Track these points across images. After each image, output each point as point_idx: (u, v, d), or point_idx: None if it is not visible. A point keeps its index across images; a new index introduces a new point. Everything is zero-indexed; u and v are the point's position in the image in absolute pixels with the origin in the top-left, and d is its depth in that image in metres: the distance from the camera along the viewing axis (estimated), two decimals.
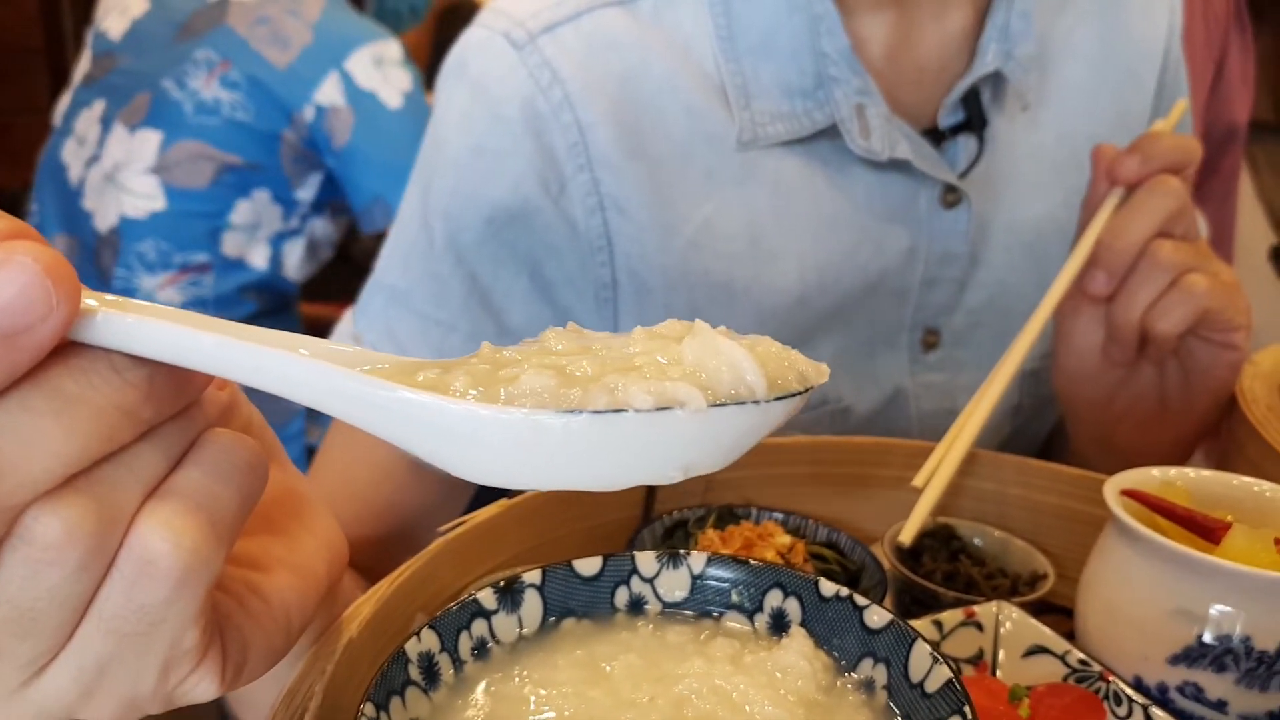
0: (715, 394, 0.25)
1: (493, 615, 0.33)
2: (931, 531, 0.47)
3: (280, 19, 1.25)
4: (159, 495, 0.24)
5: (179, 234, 1.27)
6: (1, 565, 0.22)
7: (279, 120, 1.25)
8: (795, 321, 0.60)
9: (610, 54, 0.56)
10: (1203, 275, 0.50)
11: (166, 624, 0.24)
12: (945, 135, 0.59)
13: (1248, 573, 0.34)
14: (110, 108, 1.30)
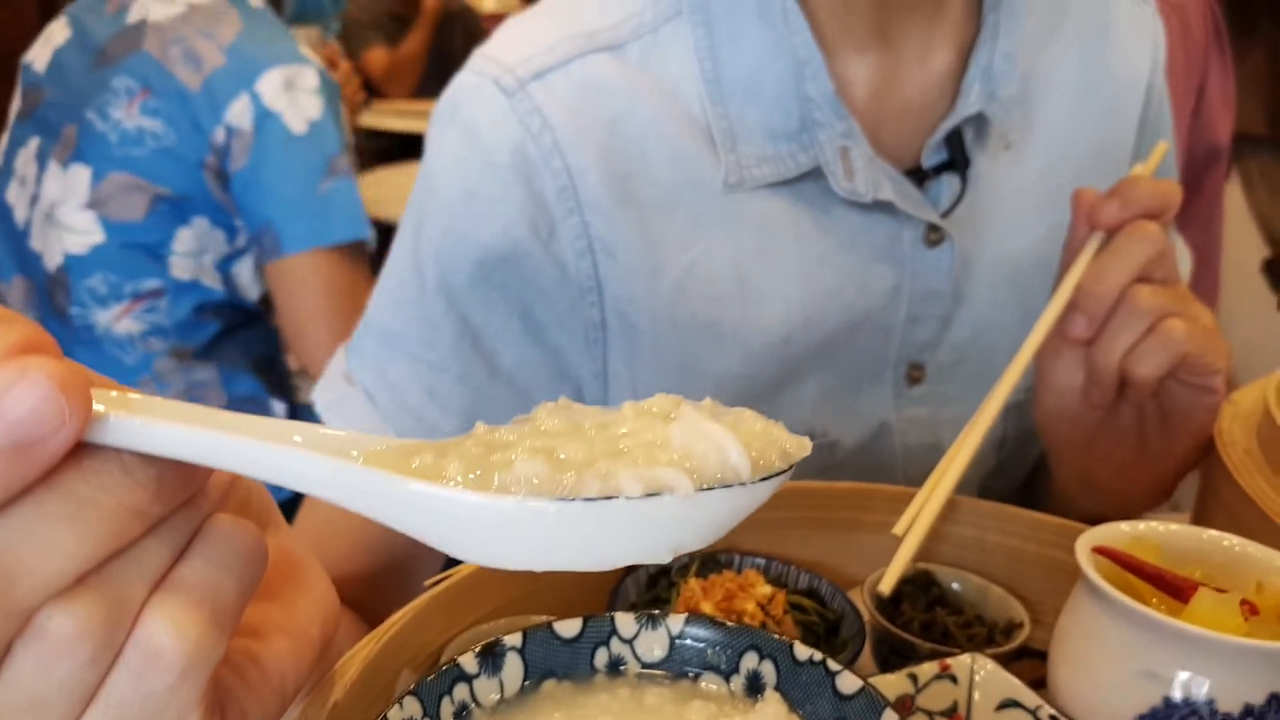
0: (702, 477, 0.26)
1: (474, 679, 0.34)
2: (911, 578, 0.48)
3: (194, 39, 1.23)
4: (164, 588, 0.25)
5: (125, 265, 1.26)
6: (14, 658, 0.23)
7: (199, 146, 1.23)
8: (781, 359, 0.61)
9: (599, 99, 0.57)
10: (1181, 320, 0.51)
11: (170, 709, 0.25)
12: (928, 175, 0.60)
13: (1214, 638, 0.34)
14: (44, 144, 1.29)
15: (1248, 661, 0.35)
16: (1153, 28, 0.69)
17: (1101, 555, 0.40)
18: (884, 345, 0.62)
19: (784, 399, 0.62)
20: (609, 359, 0.61)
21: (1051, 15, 0.65)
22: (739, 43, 0.57)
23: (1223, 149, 1.32)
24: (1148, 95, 0.69)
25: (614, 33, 0.58)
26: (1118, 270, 0.51)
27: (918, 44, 0.60)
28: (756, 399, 0.61)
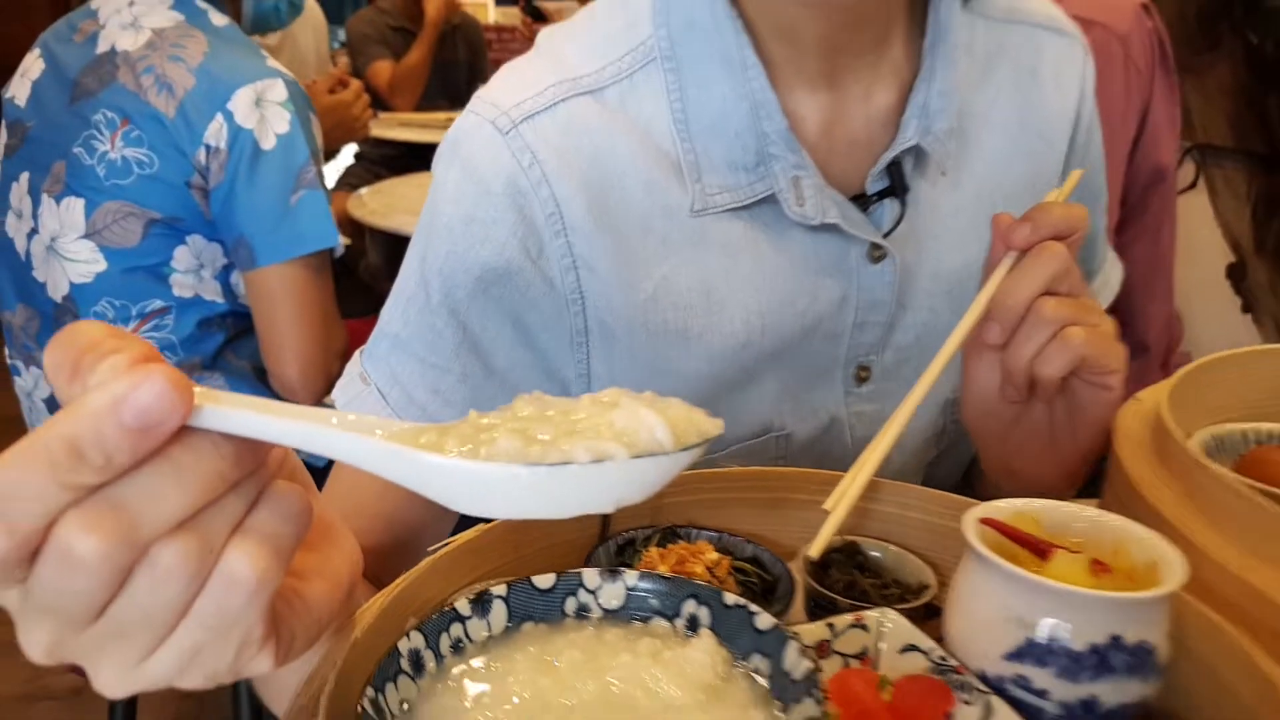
0: (635, 449, 0.34)
1: (467, 620, 0.42)
2: (840, 548, 0.56)
3: (163, 65, 1.26)
4: (240, 532, 0.33)
5: (129, 289, 1.31)
6: (133, 581, 0.31)
7: (183, 169, 1.27)
8: (741, 361, 0.69)
9: (581, 137, 0.65)
10: (1082, 327, 0.59)
11: (242, 622, 0.33)
12: (872, 200, 0.68)
13: (1064, 589, 0.43)
14: (33, 179, 1.33)
15: (1092, 608, 0.43)
16: (1081, 60, 0.77)
17: (986, 525, 0.48)
18: (834, 348, 0.71)
19: (745, 395, 0.70)
20: (591, 360, 0.69)
21: (987, 57, 0.73)
22: (704, 87, 0.65)
23: (1168, 169, 1.39)
24: (1076, 124, 0.77)
25: (595, 78, 0.66)
26: (1026, 285, 0.59)
27: (862, 86, 0.68)
28: (720, 396, 0.69)
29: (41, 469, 0.29)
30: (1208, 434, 0.69)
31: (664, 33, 0.66)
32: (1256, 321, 1.99)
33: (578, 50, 0.68)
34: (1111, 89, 1.30)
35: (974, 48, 0.72)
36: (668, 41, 0.66)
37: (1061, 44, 0.76)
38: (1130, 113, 1.32)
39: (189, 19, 1.30)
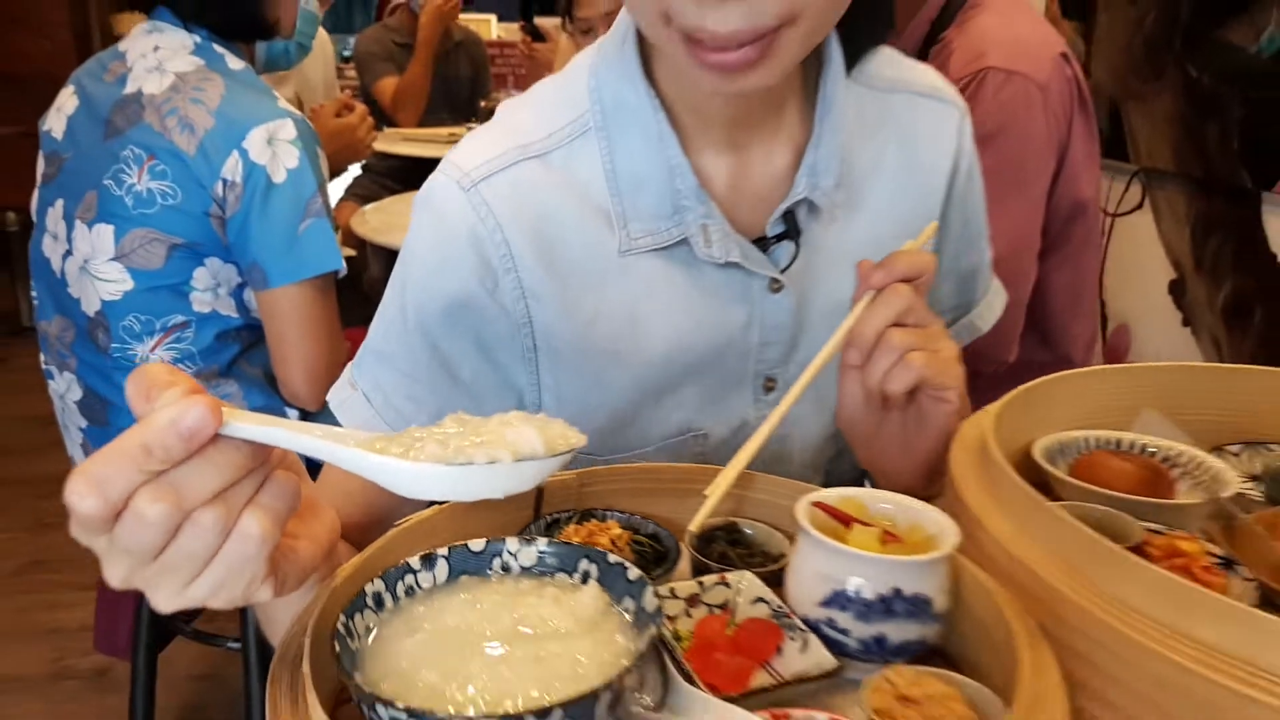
0: (518, 454, 0.50)
1: (418, 572, 0.57)
2: (722, 526, 0.71)
3: (185, 107, 1.41)
4: (252, 504, 0.49)
5: (153, 305, 1.47)
6: (181, 535, 0.46)
7: (203, 199, 1.42)
8: (664, 373, 0.84)
9: (530, 193, 0.80)
10: (922, 353, 0.74)
11: (251, 564, 0.49)
12: (771, 241, 0.83)
13: (857, 553, 0.58)
14: (68, 206, 1.48)
15: (878, 568, 0.58)
16: (957, 122, 0.90)
17: (817, 507, 0.63)
18: (743, 363, 0.86)
19: (668, 401, 0.85)
20: (540, 374, 0.84)
21: (875, 120, 0.88)
22: (629, 153, 0.81)
23: (1087, 203, 1.53)
24: (952, 175, 0.91)
25: (542, 144, 0.82)
26: (878, 318, 0.74)
27: (763, 149, 0.83)
28: (647, 401, 0.84)
29: (125, 461, 0.45)
30: (1053, 439, 0.84)
31: (598, 108, 0.81)
32: (1195, 334, 2.15)
33: (529, 120, 0.83)
34: (1032, 130, 1.45)
35: (863, 112, 0.87)
36: (601, 116, 0.81)
37: (938, 108, 0.90)
38: (1048, 152, 1.46)
39: (208, 64, 1.46)
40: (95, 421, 1.57)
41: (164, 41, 1.47)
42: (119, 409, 1.53)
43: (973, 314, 1.00)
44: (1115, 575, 0.55)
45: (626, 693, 0.49)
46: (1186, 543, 0.67)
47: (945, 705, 0.52)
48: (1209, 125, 2.02)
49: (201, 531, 0.47)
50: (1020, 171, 1.45)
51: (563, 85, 0.84)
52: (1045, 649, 0.55)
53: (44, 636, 2.53)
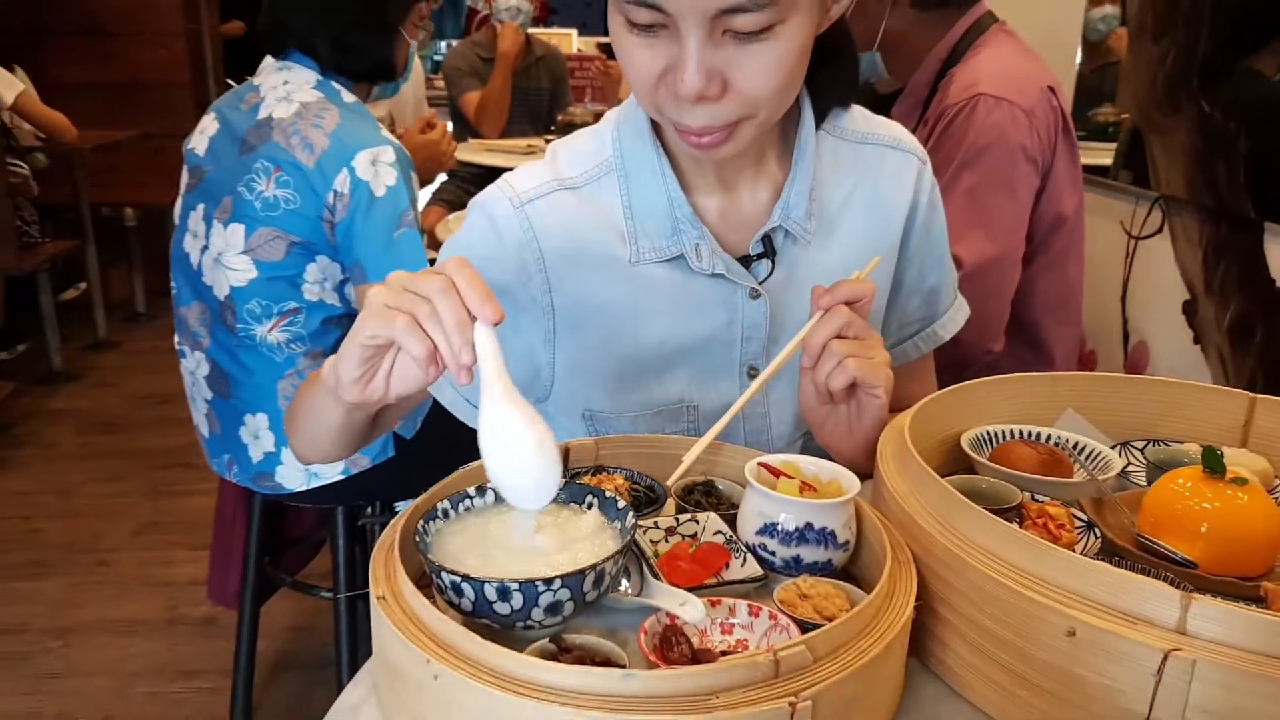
0: None
1: (472, 497, 0.82)
2: (701, 483, 0.94)
3: (307, 130, 1.72)
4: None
5: (272, 292, 1.77)
6: None
7: (317, 206, 1.72)
8: (660, 354, 1.08)
9: (563, 215, 1.05)
10: (857, 359, 0.95)
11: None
12: (753, 259, 1.07)
13: (781, 497, 0.81)
14: (208, 209, 1.80)
15: (795, 508, 0.80)
16: (916, 169, 1.12)
17: (760, 465, 0.86)
18: (730, 353, 1.09)
19: (666, 376, 1.09)
20: (556, 350, 1.09)
21: (848, 166, 1.10)
22: (641, 188, 1.04)
23: (1068, 216, 1.74)
24: (912, 212, 1.13)
25: (575, 179, 1.06)
26: (824, 331, 0.96)
27: (747, 187, 1.07)
28: (647, 374, 1.08)
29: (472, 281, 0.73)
30: (980, 430, 1.06)
31: (619, 154, 1.06)
32: (1204, 352, 2.32)
33: (567, 160, 1.08)
34: (1017, 148, 1.67)
35: (838, 159, 1.10)
36: (620, 160, 1.06)
37: (901, 158, 1.13)
38: (1033, 168, 1.68)
39: (327, 97, 1.78)
40: (219, 394, 1.87)
41: (292, 77, 1.80)
42: (240, 383, 1.83)
43: (935, 325, 1.22)
44: (962, 518, 0.78)
45: (608, 576, 0.73)
46: (1054, 508, 0.89)
47: (829, 600, 0.75)
48: (1218, 159, 2.18)
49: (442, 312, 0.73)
50: (1007, 182, 1.67)
51: (594, 135, 1.09)
52: (908, 563, 0.77)
53: (160, 588, 2.87)
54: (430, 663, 0.63)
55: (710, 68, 0.87)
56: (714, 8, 0.83)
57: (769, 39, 0.86)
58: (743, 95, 0.90)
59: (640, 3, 0.85)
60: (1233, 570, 0.83)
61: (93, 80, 5.67)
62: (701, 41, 0.86)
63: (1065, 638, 0.67)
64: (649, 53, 0.89)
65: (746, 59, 0.87)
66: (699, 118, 0.90)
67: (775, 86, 0.90)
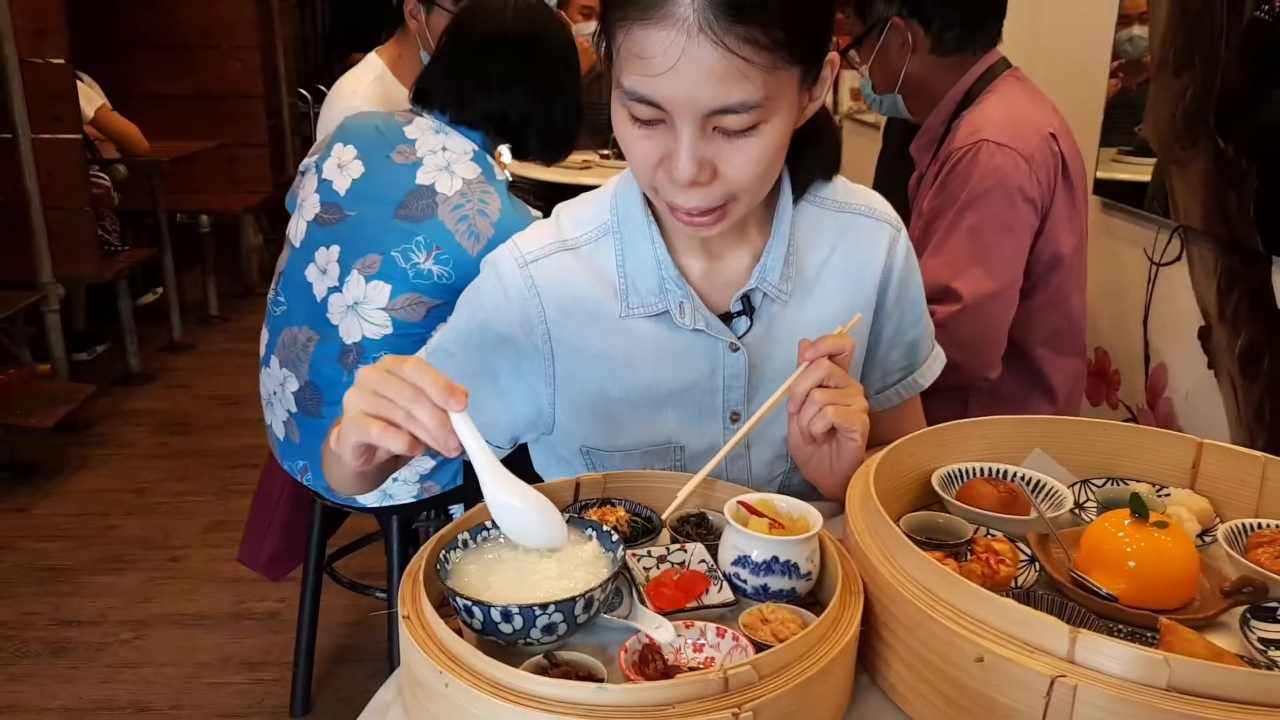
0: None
1: (489, 529, 0.96)
2: (696, 514, 1.08)
3: (474, 216, 1.81)
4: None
5: (402, 348, 1.85)
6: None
7: (467, 283, 1.81)
8: (649, 398, 1.21)
9: (563, 274, 1.19)
10: (836, 406, 1.08)
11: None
12: (733, 315, 1.20)
13: (753, 534, 0.94)
14: (344, 255, 1.88)
15: (764, 544, 0.93)
16: (889, 236, 1.25)
17: (740, 504, 1.00)
18: (713, 400, 1.22)
19: (654, 418, 1.22)
20: (557, 393, 1.22)
21: (828, 232, 1.23)
22: (634, 250, 1.18)
23: (1065, 256, 1.84)
24: (886, 275, 1.25)
25: (575, 240, 1.20)
26: (807, 381, 1.09)
27: (729, 252, 1.20)
28: (638, 417, 1.21)
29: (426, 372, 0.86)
30: (954, 466, 1.18)
31: (615, 219, 1.19)
32: (1217, 377, 2.41)
33: (570, 222, 1.22)
34: (1017, 191, 1.78)
35: (819, 226, 1.23)
36: (617, 223, 1.19)
37: (876, 226, 1.25)
38: (1032, 210, 1.79)
39: (484, 173, 1.84)
40: (307, 412, 1.99)
41: (450, 144, 1.86)
42: (332, 405, 1.95)
43: (915, 374, 1.35)
44: (903, 554, 0.90)
45: (597, 602, 0.87)
46: (1000, 544, 1.02)
47: (785, 624, 0.88)
48: (1231, 193, 2.26)
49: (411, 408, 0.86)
50: (1007, 223, 1.78)
51: (596, 199, 1.23)
52: (857, 593, 0.90)
53: (227, 584, 3.07)
54: (442, 674, 0.77)
55: (702, 158, 1.00)
56: (706, 108, 0.96)
57: (753, 135, 0.99)
58: (730, 182, 1.02)
59: (642, 100, 0.99)
60: (1153, 604, 0.95)
61: (171, 92, 5.96)
62: (694, 136, 0.99)
63: (975, 663, 0.80)
64: (649, 143, 1.02)
65: (733, 151, 1.00)
66: (691, 199, 1.04)
67: (758, 174, 1.03)
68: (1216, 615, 0.95)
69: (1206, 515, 1.11)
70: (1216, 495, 1.15)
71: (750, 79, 0.93)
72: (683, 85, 0.94)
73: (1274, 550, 1.00)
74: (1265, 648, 0.90)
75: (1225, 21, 2.14)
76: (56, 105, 4.09)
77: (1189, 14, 2.25)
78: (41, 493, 3.67)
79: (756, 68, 0.93)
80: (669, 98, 0.95)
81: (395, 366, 0.88)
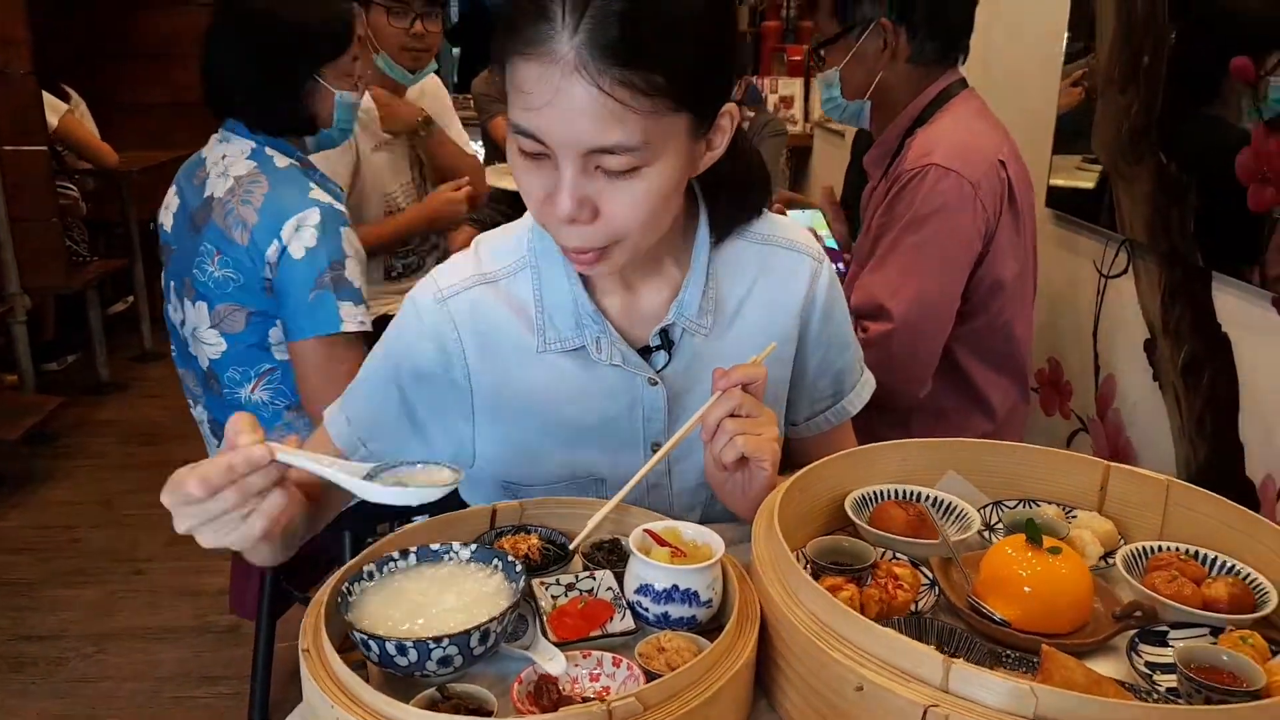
0: (422, 486, 0.90)
1: (396, 560, 0.98)
2: (610, 541, 1.10)
3: (239, 207, 1.81)
4: (259, 506, 0.89)
5: (246, 358, 1.90)
6: (226, 514, 0.89)
7: (258, 278, 1.83)
8: (569, 433, 1.21)
9: (481, 308, 1.19)
10: (747, 436, 1.09)
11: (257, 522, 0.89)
12: (652, 349, 1.21)
13: (653, 563, 0.96)
14: (178, 286, 1.93)
15: (664, 573, 0.95)
16: (810, 268, 1.27)
17: (646, 533, 1.02)
18: (633, 433, 1.23)
19: (576, 452, 1.23)
20: (476, 428, 1.23)
21: (750, 264, 1.24)
22: (551, 285, 1.19)
23: (1006, 282, 1.87)
24: (808, 306, 1.27)
25: (494, 274, 1.20)
26: (719, 410, 1.10)
27: (647, 287, 1.21)
28: (558, 449, 1.22)
29: (219, 470, 0.86)
30: (869, 488, 1.21)
31: (533, 253, 1.20)
32: (1161, 389, 2.44)
33: (488, 255, 1.23)
34: (960, 217, 1.80)
35: (742, 258, 1.25)
36: (534, 258, 1.20)
37: (797, 259, 1.27)
38: (974, 236, 1.81)
39: (259, 166, 1.84)
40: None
41: (230, 150, 1.87)
42: None
43: (844, 401, 1.37)
44: (797, 584, 0.92)
45: (493, 635, 0.89)
46: (901, 568, 1.04)
47: (680, 653, 0.90)
48: (1173, 209, 2.30)
49: (235, 516, 0.87)
50: (946, 248, 1.80)
51: (515, 231, 1.24)
52: (753, 620, 0.92)
53: (190, 597, 3.07)
54: (333, 707, 0.79)
55: (582, 196, 0.99)
56: (585, 147, 0.95)
57: (635, 178, 0.98)
58: (611, 224, 1.01)
59: (524, 133, 0.99)
60: (1045, 628, 0.98)
61: (143, 101, 5.95)
62: (575, 173, 0.97)
63: (856, 691, 0.82)
64: (536, 176, 1.03)
65: (615, 192, 0.99)
66: (572, 239, 1.05)
67: (641, 219, 1.01)
68: (1106, 640, 0.98)
69: (1110, 538, 1.13)
70: (1123, 517, 1.17)
71: (628, 122, 0.94)
72: (560, 122, 0.95)
73: (1169, 574, 1.02)
74: (1151, 672, 0.93)
75: (1161, 42, 2.18)
76: (23, 116, 4.09)
77: (1133, 33, 2.28)
78: (8, 505, 3.67)
79: (634, 111, 0.93)
80: (548, 133, 0.96)
81: (181, 488, 0.88)
